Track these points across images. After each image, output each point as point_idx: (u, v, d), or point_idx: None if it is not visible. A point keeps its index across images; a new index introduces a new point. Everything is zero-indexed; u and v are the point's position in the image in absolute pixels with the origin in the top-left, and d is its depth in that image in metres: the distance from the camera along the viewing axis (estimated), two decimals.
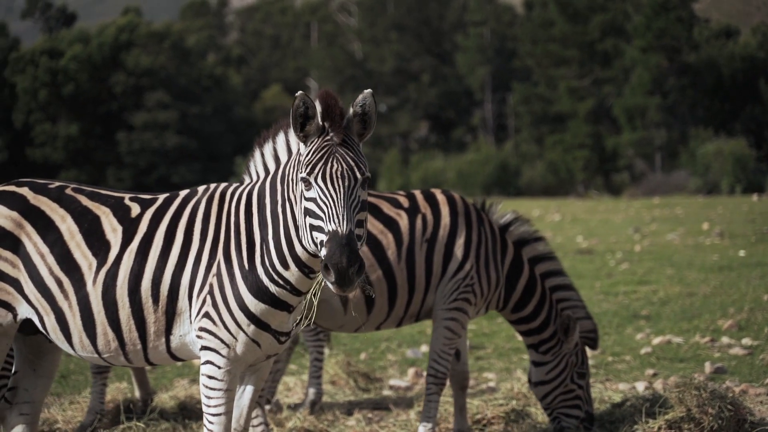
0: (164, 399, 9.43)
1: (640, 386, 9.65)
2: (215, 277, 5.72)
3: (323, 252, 5.15)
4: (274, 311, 5.69)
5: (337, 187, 5.26)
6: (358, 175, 5.33)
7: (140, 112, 63.01)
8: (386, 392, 10.25)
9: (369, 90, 5.55)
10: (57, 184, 6.23)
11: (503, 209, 8.23)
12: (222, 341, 5.70)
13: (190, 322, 5.80)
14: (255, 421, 7.56)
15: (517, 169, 60.35)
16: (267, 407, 9.26)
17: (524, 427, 8.43)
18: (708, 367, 10.36)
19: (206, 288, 5.73)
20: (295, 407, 9.48)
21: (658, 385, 9.68)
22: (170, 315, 5.82)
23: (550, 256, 8.29)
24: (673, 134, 54.88)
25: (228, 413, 5.79)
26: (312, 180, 5.30)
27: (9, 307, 5.99)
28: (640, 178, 55.87)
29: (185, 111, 63.83)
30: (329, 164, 5.31)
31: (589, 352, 9.85)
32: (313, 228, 5.28)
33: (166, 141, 62.37)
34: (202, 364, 5.79)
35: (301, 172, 5.34)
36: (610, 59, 59.93)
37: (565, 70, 61.69)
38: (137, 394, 9.41)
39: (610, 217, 33.50)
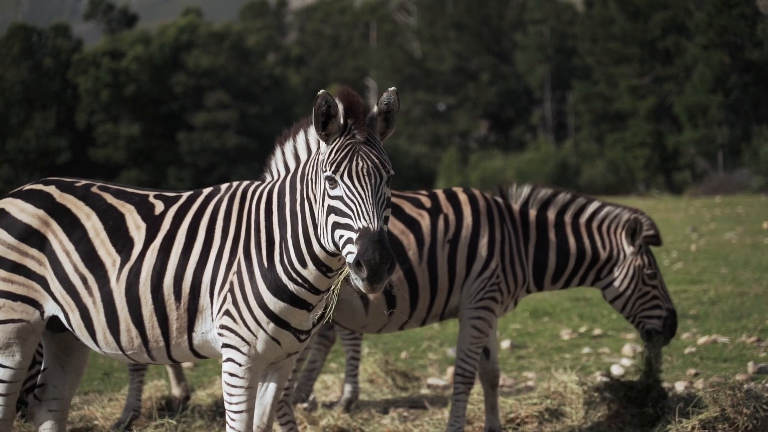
0: (202, 396, 9.49)
1: (680, 386, 9.52)
2: (236, 275, 5.74)
3: (350, 249, 5.15)
4: (294, 309, 5.69)
5: (364, 184, 5.26)
6: (383, 173, 5.34)
7: (200, 112, 63.41)
8: (424, 391, 10.23)
9: (393, 88, 5.55)
10: (83, 182, 6.30)
11: (520, 188, 8.19)
12: (242, 339, 5.72)
13: (212, 320, 5.83)
14: (283, 420, 7.56)
15: (577, 168, 59.91)
16: (304, 405, 9.28)
17: (558, 426, 8.37)
18: (751, 367, 10.21)
19: (227, 285, 5.75)
20: (330, 405, 9.48)
21: (698, 385, 9.55)
22: (192, 312, 5.85)
23: (573, 198, 8.26)
24: (735, 132, 54.14)
25: (250, 410, 5.81)
26: (338, 178, 5.29)
27: (36, 305, 6.06)
28: (701, 176, 55.21)
29: (245, 111, 64.17)
30: (354, 162, 5.30)
31: None
32: (337, 226, 5.27)
33: (226, 141, 62.71)
34: (224, 361, 5.82)
35: (325, 171, 5.33)
36: (671, 57, 59.28)
37: (625, 68, 61.09)
38: (175, 391, 9.47)
39: (669, 216, 33.16)
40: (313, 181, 5.53)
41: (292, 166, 5.85)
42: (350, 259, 5.13)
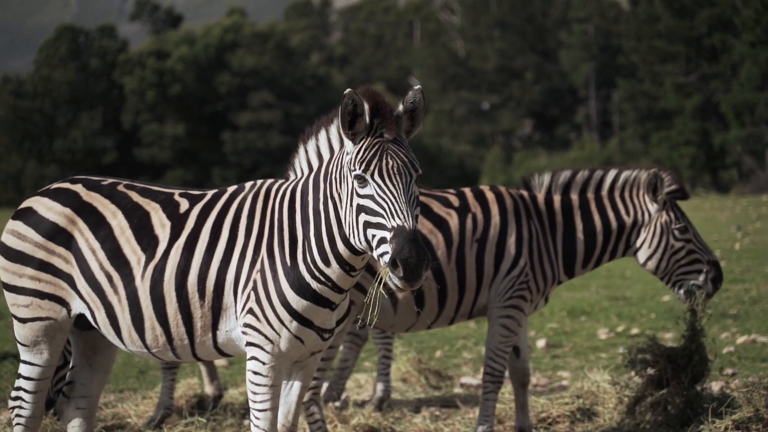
0: (234, 395, 9.52)
1: (716, 386, 9.40)
2: (259, 273, 5.74)
3: (384, 248, 5.15)
4: (317, 308, 5.68)
5: (395, 182, 5.27)
6: (413, 171, 5.36)
7: (245, 112, 63.69)
8: (457, 390, 10.19)
9: (419, 86, 5.56)
10: (110, 180, 6.33)
11: (542, 176, 8.10)
12: (266, 337, 5.72)
13: (236, 318, 5.83)
14: (311, 419, 7.55)
15: None
16: (336, 404, 9.27)
17: (590, 426, 8.29)
18: None
19: (250, 284, 5.75)
20: (363, 404, 9.47)
21: (735, 385, 9.42)
22: (216, 310, 5.85)
23: (591, 173, 8.15)
24: None
25: (274, 409, 5.81)
26: (368, 177, 5.29)
27: (63, 303, 6.10)
28: (748, 175, 54.68)
29: (289, 111, 64.34)
30: (384, 161, 5.31)
31: None
32: (369, 225, 5.26)
33: (271, 141, 62.93)
34: (248, 360, 5.82)
35: (354, 170, 5.32)
36: (717, 54, 58.70)
37: (671, 66, 60.57)
38: (207, 390, 9.48)
39: (715, 215, 32.86)
40: (338, 180, 5.52)
41: (315, 164, 5.84)
42: (385, 258, 5.13)
